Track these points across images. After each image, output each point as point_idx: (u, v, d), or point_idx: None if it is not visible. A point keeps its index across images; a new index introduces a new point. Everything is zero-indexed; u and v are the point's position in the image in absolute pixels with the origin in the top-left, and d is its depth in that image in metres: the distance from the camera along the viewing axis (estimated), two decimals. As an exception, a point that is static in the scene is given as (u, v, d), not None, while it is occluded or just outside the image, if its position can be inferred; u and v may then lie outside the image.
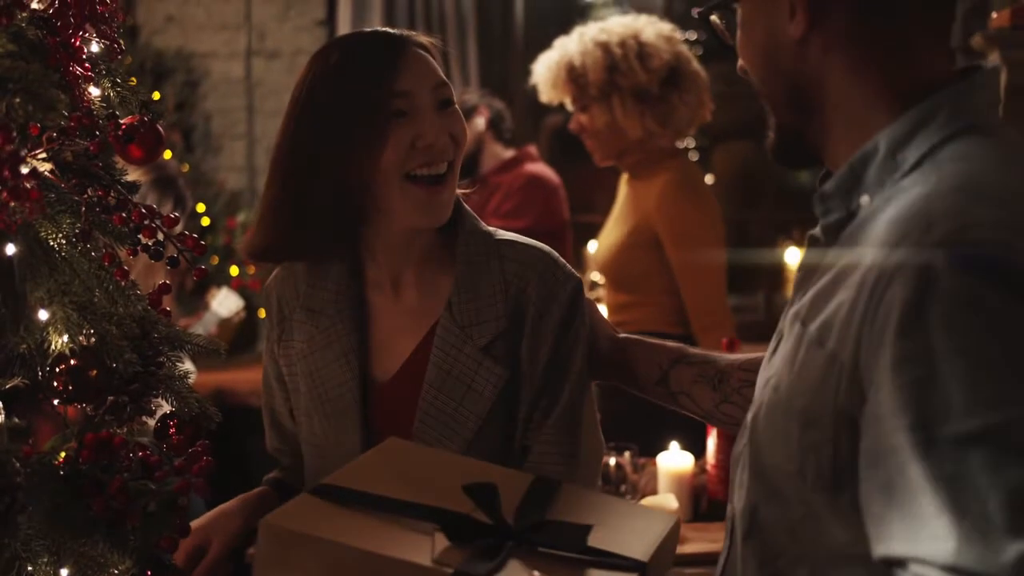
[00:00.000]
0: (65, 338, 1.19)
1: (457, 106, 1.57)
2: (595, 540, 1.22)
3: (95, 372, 1.19)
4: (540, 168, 3.63)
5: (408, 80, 1.51)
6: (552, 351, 1.55)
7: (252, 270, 4.39)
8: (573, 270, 1.61)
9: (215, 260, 4.39)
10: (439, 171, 1.53)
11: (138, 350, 1.25)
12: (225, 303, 3.49)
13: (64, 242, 1.21)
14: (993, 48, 3.44)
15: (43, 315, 1.17)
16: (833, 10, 1.01)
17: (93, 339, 1.20)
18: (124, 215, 1.24)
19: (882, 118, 1.00)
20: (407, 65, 1.51)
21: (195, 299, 4.09)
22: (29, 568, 1.14)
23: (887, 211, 0.97)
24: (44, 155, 1.23)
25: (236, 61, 4.77)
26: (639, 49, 2.83)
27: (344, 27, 4.54)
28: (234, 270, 4.34)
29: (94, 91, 1.35)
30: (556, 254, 1.62)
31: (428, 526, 1.19)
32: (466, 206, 1.64)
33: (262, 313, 4.51)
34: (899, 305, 0.87)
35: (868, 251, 0.93)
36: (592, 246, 3.87)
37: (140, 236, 1.27)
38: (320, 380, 1.60)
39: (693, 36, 4.97)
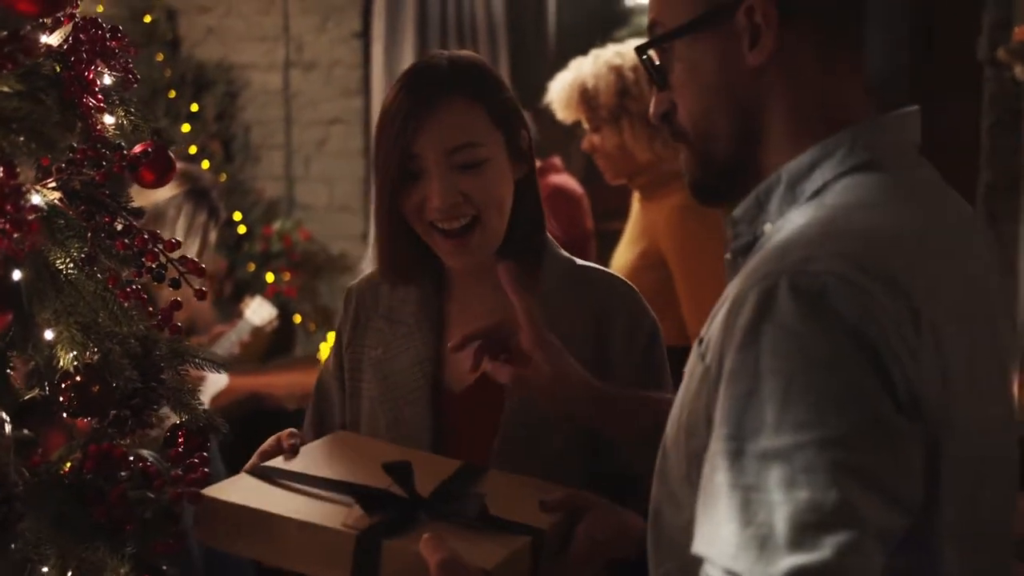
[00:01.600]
0: (71, 356, 1.27)
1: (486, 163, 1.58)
2: (502, 511, 1.32)
3: (98, 388, 1.27)
4: (564, 179, 3.69)
5: (421, 143, 1.55)
6: (641, 373, 1.61)
7: (287, 277, 4.50)
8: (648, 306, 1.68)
9: (251, 267, 4.51)
10: (453, 227, 1.57)
11: (139, 367, 1.33)
12: (259, 312, 3.58)
13: (71, 266, 1.30)
14: (1016, 61, 3.46)
15: (49, 335, 1.25)
16: (794, 37, 1.05)
17: (96, 357, 1.28)
18: (127, 240, 1.32)
19: (799, 150, 1.05)
20: (425, 127, 1.55)
21: (232, 305, 4.20)
22: (43, 569, 1.23)
23: (772, 239, 1.02)
24: (54, 184, 1.31)
25: (274, 72, 4.88)
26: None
27: (379, 40, 4.63)
28: (270, 277, 4.45)
29: (109, 119, 1.44)
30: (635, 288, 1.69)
31: (348, 499, 1.32)
32: (548, 235, 1.70)
33: (298, 319, 4.62)
34: (743, 323, 0.92)
35: (745, 273, 0.99)
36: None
37: (143, 260, 1.36)
38: (393, 385, 1.66)
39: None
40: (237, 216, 4.42)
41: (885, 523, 0.89)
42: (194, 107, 4.53)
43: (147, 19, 4.63)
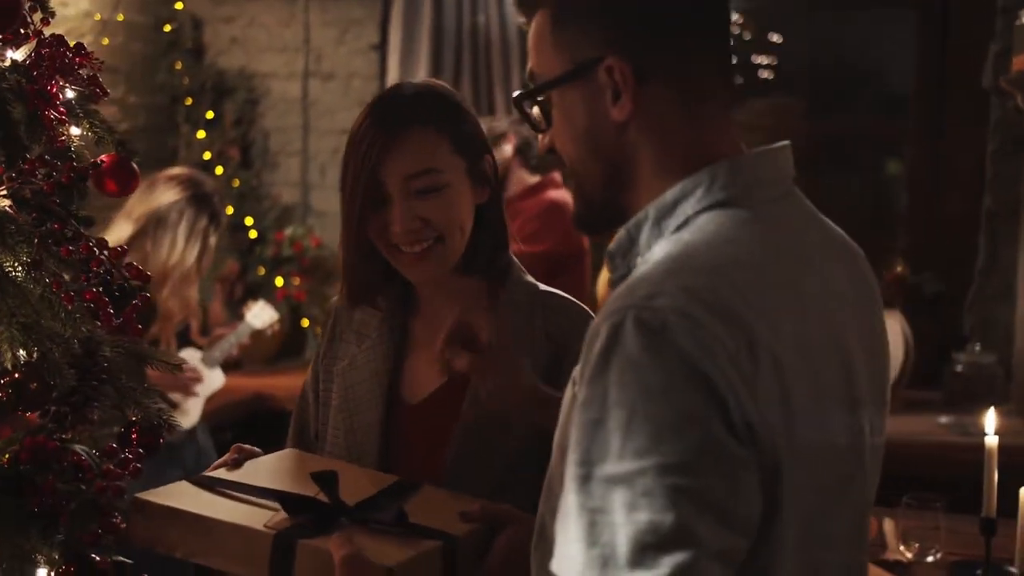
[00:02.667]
0: (12, 354, 1.35)
1: (443, 186, 1.63)
2: (422, 520, 1.39)
3: (35, 385, 1.35)
4: (562, 194, 3.75)
5: (384, 169, 1.61)
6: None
7: (297, 281, 4.59)
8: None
9: (261, 271, 4.60)
10: (414, 251, 1.63)
11: (80, 367, 1.41)
12: (260, 315, 3.67)
13: (19, 269, 1.38)
14: (1017, 90, 3.48)
15: (-13, 334, 1.33)
16: (652, 95, 1.10)
17: (36, 356, 1.36)
18: (71, 247, 1.40)
19: (667, 187, 1.10)
20: (391, 153, 1.61)
21: (241, 307, 4.30)
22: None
23: (633, 272, 1.08)
24: (4, 192, 1.40)
25: (294, 81, 4.98)
26: None
27: (395, 52, 4.71)
28: (279, 281, 4.54)
29: (75, 131, 1.52)
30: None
31: (275, 505, 1.40)
32: (514, 257, 1.75)
33: (306, 322, 4.69)
34: (595, 355, 0.98)
35: (607, 304, 1.04)
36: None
37: (90, 265, 1.44)
38: (352, 396, 1.73)
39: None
40: (248, 221, 4.51)
41: (722, 544, 0.95)
42: (209, 114, 4.63)
43: (167, 28, 4.74)
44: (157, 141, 4.81)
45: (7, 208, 1.39)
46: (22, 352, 1.37)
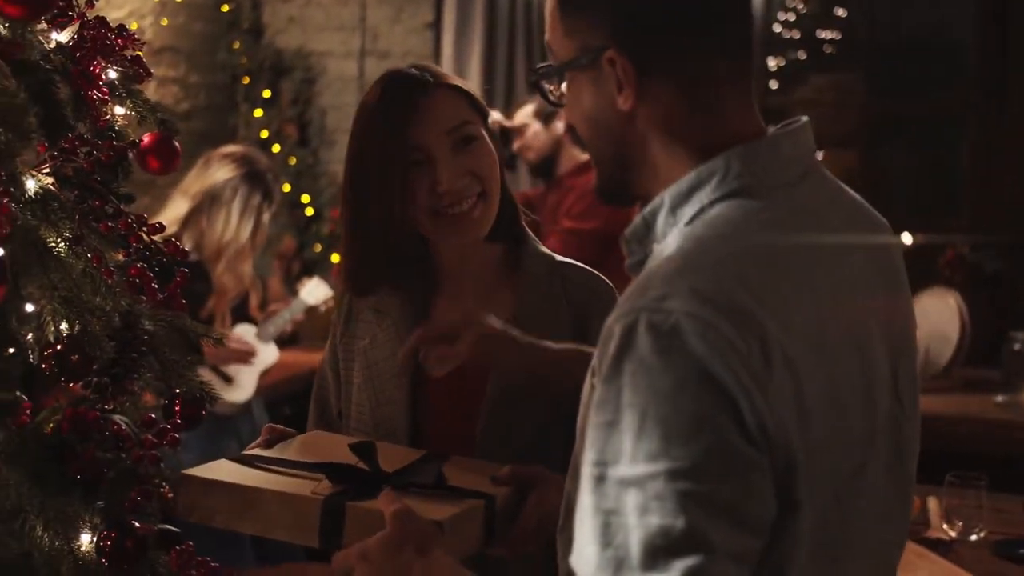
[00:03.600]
0: (54, 327, 1.40)
1: (484, 136, 1.66)
2: (458, 483, 1.44)
3: (76, 357, 1.40)
4: (611, 172, 3.75)
5: (421, 131, 1.62)
6: None
7: (353, 259, 4.64)
8: None
9: (318, 248, 4.66)
10: (463, 209, 1.64)
11: (120, 340, 1.45)
12: (314, 292, 3.72)
13: (61, 244, 1.43)
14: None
15: (29, 307, 1.38)
16: (655, 88, 1.09)
17: (77, 329, 1.40)
18: (111, 223, 1.45)
19: (683, 171, 1.10)
20: (420, 115, 1.62)
21: (297, 284, 4.37)
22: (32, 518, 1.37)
23: (647, 265, 1.08)
24: (47, 170, 1.44)
25: (350, 60, 5.02)
26: None
27: (449, 31, 4.73)
28: (335, 257, 4.59)
29: (120, 110, 1.56)
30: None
31: (318, 476, 1.44)
32: (527, 227, 1.77)
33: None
34: (609, 356, 0.99)
35: (618, 303, 1.04)
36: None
37: (129, 241, 1.48)
38: (376, 373, 1.74)
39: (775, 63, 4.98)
40: (305, 199, 4.57)
41: (735, 546, 0.95)
42: (266, 93, 4.69)
43: (225, 8, 4.80)
44: (217, 120, 4.89)
45: (50, 186, 1.43)
46: (64, 325, 1.42)
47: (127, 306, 1.48)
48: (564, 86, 1.17)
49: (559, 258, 1.76)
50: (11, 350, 1.49)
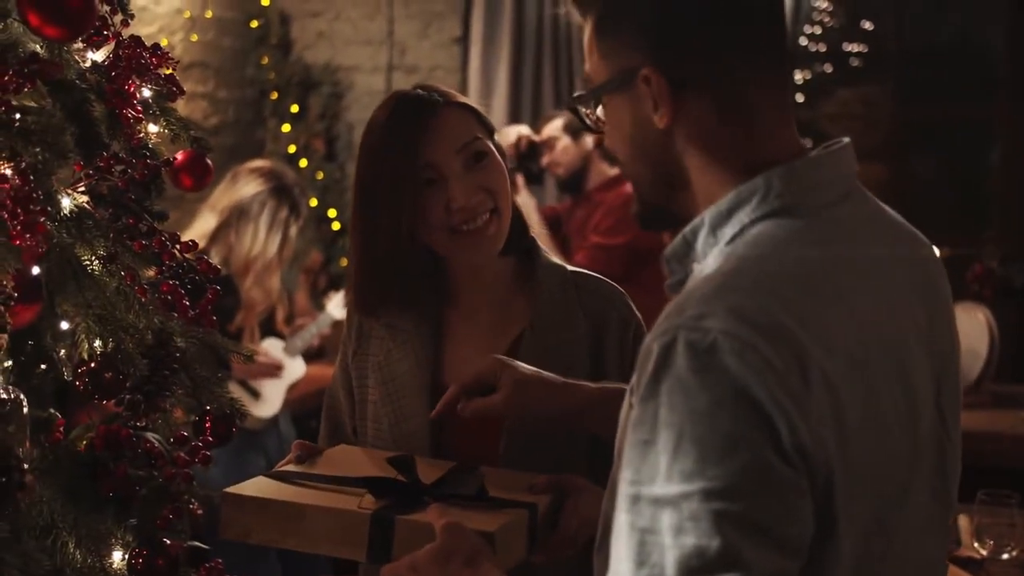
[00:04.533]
0: (88, 344, 1.41)
1: (496, 153, 1.66)
2: (498, 493, 1.45)
3: (110, 375, 1.41)
4: (639, 188, 3.75)
5: (432, 150, 1.63)
6: (631, 373, 1.71)
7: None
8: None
9: (344, 262, 4.67)
10: (478, 225, 1.65)
11: (152, 357, 1.46)
12: (341, 306, 3.73)
13: (95, 262, 1.44)
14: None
15: (64, 325, 1.39)
16: (691, 106, 1.09)
17: (111, 347, 1.42)
18: (145, 241, 1.46)
19: (722, 192, 1.09)
20: (431, 135, 1.63)
21: (324, 298, 4.38)
22: (64, 535, 1.38)
23: (687, 285, 1.07)
24: (83, 188, 1.46)
25: (378, 75, 5.05)
26: None
27: (476, 45, 4.75)
28: (362, 272, 4.61)
29: (153, 128, 1.57)
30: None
31: (359, 491, 1.45)
32: (536, 239, 1.78)
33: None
34: (647, 374, 0.98)
35: (657, 322, 1.03)
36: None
37: (162, 259, 1.49)
38: (394, 388, 1.74)
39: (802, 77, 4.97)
40: (331, 213, 4.59)
41: (771, 567, 0.94)
42: (295, 108, 4.72)
43: (254, 24, 4.84)
44: (245, 135, 4.92)
45: (85, 204, 1.45)
46: (98, 343, 1.44)
47: (160, 323, 1.49)
48: (601, 111, 1.18)
49: (571, 268, 1.77)
50: (43, 367, 1.52)
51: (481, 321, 1.76)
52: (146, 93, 1.58)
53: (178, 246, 1.50)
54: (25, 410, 1.35)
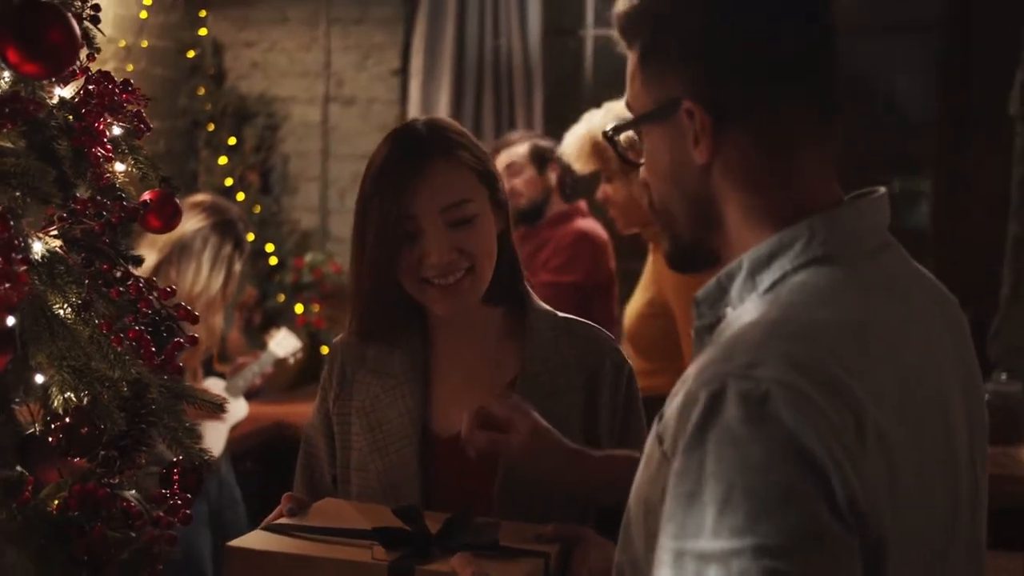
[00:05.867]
0: (62, 398, 1.33)
1: (472, 217, 1.64)
2: (506, 543, 1.43)
3: (86, 430, 1.33)
4: (590, 224, 3.73)
5: (415, 203, 1.62)
6: (624, 418, 1.70)
7: (317, 308, 4.57)
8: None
9: (281, 298, 4.58)
10: (448, 281, 1.64)
11: (130, 410, 1.39)
12: (283, 344, 3.65)
13: (68, 311, 1.36)
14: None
15: (40, 378, 1.31)
16: (732, 141, 1.07)
17: (87, 400, 1.34)
18: (121, 288, 1.38)
19: (760, 237, 1.07)
20: (418, 188, 1.62)
21: (262, 334, 4.28)
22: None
23: (729, 329, 1.04)
24: (55, 232, 1.38)
25: (314, 106, 4.97)
26: None
27: (416, 77, 4.71)
28: (299, 308, 4.52)
29: (120, 167, 1.50)
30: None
31: (365, 542, 1.41)
32: (529, 287, 1.76)
33: (325, 350, 4.67)
34: (692, 423, 0.94)
35: (699, 364, 1.01)
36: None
37: (138, 306, 1.42)
38: (382, 434, 1.70)
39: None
40: (269, 247, 4.50)
41: None
42: (232, 140, 4.63)
43: (190, 54, 4.74)
44: (177, 166, 4.81)
45: (58, 248, 1.37)
46: (70, 395, 1.36)
47: (137, 374, 1.42)
48: (637, 140, 1.16)
49: (561, 315, 1.75)
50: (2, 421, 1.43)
51: (469, 369, 1.73)
52: (116, 131, 1.52)
53: (155, 293, 1.43)
54: (-5, 470, 1.27)
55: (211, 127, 4.67)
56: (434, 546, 1.41)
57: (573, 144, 3.11)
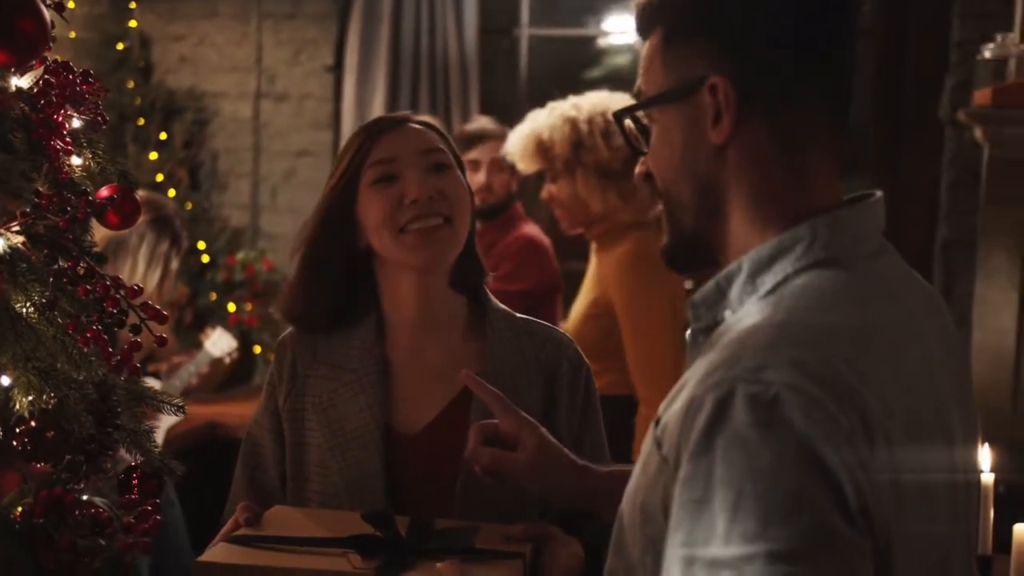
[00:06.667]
0: (27, 401, 1.28)
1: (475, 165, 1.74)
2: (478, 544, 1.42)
3: (52, 434, 1.28)
4: (533, 230, 3.69)
5: (393, 148, 1.66)
6: (581, 419, 1.71)
7: (250, 307, 4.49)
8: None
9: (213, 296, 4.49)
10: (430, 224, 1.64)
11: (95, 412, 1.33)
12: (218, 343, 3.57)
13: (32, 310, 1.31)
14: (976, 124, 3.53)
15: (5, 380, 1.25)
16: (751, 126, 1.07)
17: (53, 403, 1.28)
18: (89, 286, 1.33)
19: (761, 237, 1.07)
20: (394, 136, 1.67)
21: (193, 333, 4.18)
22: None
23: (730, 333, 1.03)
24: (17, 228, 1.32)
25: (245, 102, 4.89)
26: (605, 127, 2.95)
27: (351, 73, 4.65)
28: (231, 307, 4.44)
29: (76, 161, 1.44)
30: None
31: (338, 551, 1.37)
32: (486, 288, 1.77)
33: (257, 349, 4.59)
34: (698, 429, 0.93)
35: (702, 368, 1.00)
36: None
37: (104, 305, 1.36)
38: (341, 430, 1.67)
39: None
40: (201, 245, 4.41)
41: None
42: (163, 135, 4.53)
43: (120, 47, 4.62)
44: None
45: (19, 245, 1.31)
46: (30, 398, 1.30)
47: (103, 376, 1.37)
48: (645, 127, 1.15)
49: (519, 316, 1.76)
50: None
51: (431, 366, 1.71)
52: (76, 123, 1.46)
53: (122, 291, 1.38)
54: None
55: (141, 122, 4.56)
56: (410, 551, 1.38)
57: (517, 143, 3.08)
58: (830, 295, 1.02)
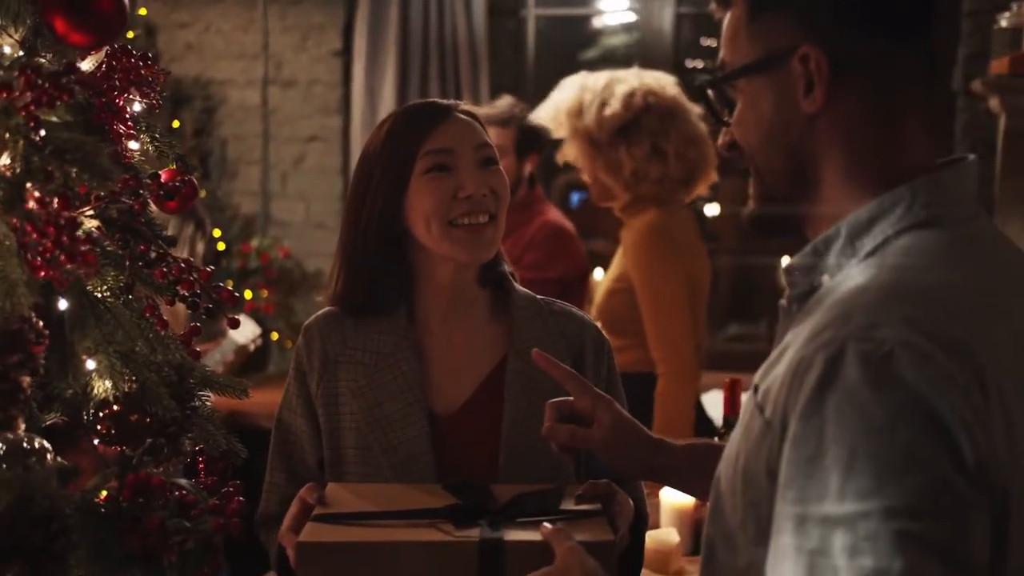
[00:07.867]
0: (108, 385, 1.28)
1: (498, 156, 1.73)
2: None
3: (136, 417, 1.28)
4: (558, 216, 3.67)
5: (449, 139, 1.68)
6: (607, 390, 1.71)
7: (265, 294, 4.48)
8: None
9: (229, 284, 4.47)
10: (479, 222, 1.66)
11: (175, 395, 1.34)
12: (242, 330, 3.57)
13: (109, 295, 1.31)
14: (993, 94, 3.53)
15: (91, 364, 1.25)
16: (845, 93, 1.06)
17: (134, 386, 1.28)
18: (164, 269, 1.33)
19: (858, 200, 1.07)
20: (448, 126, 1.69)
21: (211, 324, 4.17)
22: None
23: (833, 295, 1.03)
24: (91, 213, 1.31)
25: (253, 89, 4.87)
26: (602, 98, 2.96)
27: (359, 58, 4.63)
28: (248, 294, 4.43)
29: (134, 145, 1.44)
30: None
31: (425, 522, 1.39)
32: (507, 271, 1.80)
33: (275, 336, 4.56)
34: (808, 388, 0.93)
35: (806, 331, 0.99)
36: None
37: (179, 288, 1.36)
38: (381, 414, 1.69)
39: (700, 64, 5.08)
40: (217, 233, 4.40)
41: None
42: (175, 123, 4.51)
43: (130, 35, 4.59)
44: (113, 151, 4.66)
45: (94, 230, 1.31)
46: (110, 383, 1.30)
47: (180, 358, 1.37)
48: (730, 98, 1.14)
49: (539, 297, 1.80)
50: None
51: (461, 348, 1.76)
52: (136, 107, 1.46)
53: (195, 274, 1.38)
54: (50, 458, 1.21)
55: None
56: (502, 516, 1.41)
57: (548, 108, 3.10)
58: (935, 254, 1.02)
